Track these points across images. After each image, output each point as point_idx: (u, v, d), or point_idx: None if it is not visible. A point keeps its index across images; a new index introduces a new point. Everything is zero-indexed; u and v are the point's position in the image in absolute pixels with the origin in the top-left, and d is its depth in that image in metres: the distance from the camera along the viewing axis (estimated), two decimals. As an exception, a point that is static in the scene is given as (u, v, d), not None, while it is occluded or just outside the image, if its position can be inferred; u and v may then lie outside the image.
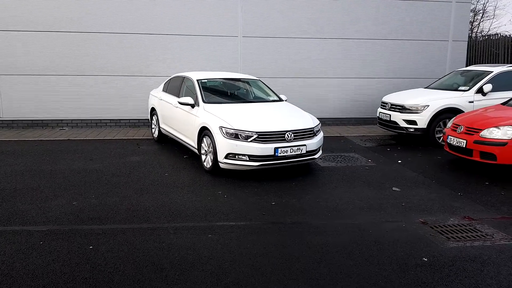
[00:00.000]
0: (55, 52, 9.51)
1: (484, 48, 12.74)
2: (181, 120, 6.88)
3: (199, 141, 6.25)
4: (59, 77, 9.64)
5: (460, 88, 8.43)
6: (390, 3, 10.52)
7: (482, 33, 22.15)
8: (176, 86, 7.54)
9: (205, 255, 3.59)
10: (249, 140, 5.56)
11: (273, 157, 5.61)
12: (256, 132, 5.59)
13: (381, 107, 9.06)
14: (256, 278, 3.24)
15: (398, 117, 8.35)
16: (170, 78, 8.15)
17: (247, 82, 7.54)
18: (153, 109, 8.42)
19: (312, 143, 5.91)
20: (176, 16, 9.76)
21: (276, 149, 5.58)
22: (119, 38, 9.66)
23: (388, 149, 8.00)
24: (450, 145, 6.65)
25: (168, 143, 8.16)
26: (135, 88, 9.91)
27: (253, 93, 7.37)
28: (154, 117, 8.42)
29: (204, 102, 6.45)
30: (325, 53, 10.51)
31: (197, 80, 6.91)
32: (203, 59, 10.04)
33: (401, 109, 8.34)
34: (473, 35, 19.51)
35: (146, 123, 10.05)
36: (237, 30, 10.06)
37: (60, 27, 9.42)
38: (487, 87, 8.01)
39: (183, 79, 7.41)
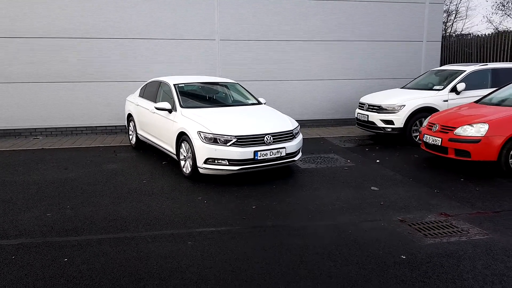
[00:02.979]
0: (27, 60, 9.24)
1: (457, 48, 13.07)
2: (159, 125, 6.79)
3: (178, 147, 6.18)
4: (32, 84, 9.37)
5: (435, 87, 8.62)
6: (365, 5, 10.67)
7: (456, 33, 22.74)
8: (153, 91, 7.45)
9: (185, 263, 3.53)
10: (228, 144, 5.53)
11: (253, 160, 5.59)
12: (235, 136, 5.56)
13: (359, 108, 9.17)
14: (236, 284, 3.20)
15: (376, 117, 8.46)
16: (146, 83, 8.04)
17: (225, 86, 7.51)
18: (129, 115, 8.29)
19: (292, 145, 5.92)
20: (151, 20, 9.64)
21: (255, 152, 5.57)
22: (94, 44, 9.47)
23: (367, 149, 8.09)
24: (426, 144, 6.77)
25: (146, 150, 8.04)
26: (111, 94, 9.73)
27: (232, 96, 7.34)
28: (131, 123, 8.29)
29: (181, 107, 6.38)
30: (303, 55, 10.57)
31: (174, 85, 6.84)
32: (180, 63, 9.95)
33: (378, 109, 8.46)
34: (447, 35, 20.01)
35: (123, 130, 9.88)
36: (214, 33, 10.02)
37: (33, 33, 9.17)
38: (461, 86, 8.21)
39: (160, 83, 7.32)
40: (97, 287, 3.16)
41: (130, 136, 8.44)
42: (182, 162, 6.12)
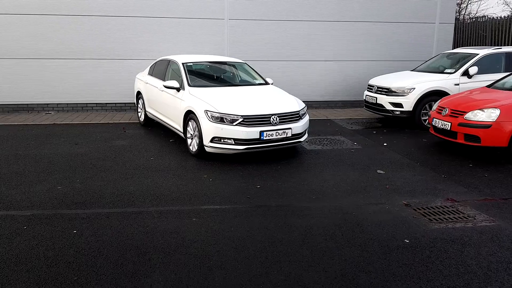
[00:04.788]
0: (40, 36, 9.27)
1: (471, 31, 12.75)
2: (167, 104, 6.82)
3: (185, 125, 6.21)
4: (45, 61, 9.43)
5: (446, 70, 8.46)
6: (378, -15, 10.42)
7: (470, 16, 22.14)
8: (162, 70, 7.44)
9: (189, 239, 3.60)
10: (234, 123, 5.54)
11: (259, 140, 5.61)
12: (242, 116, 5.56)
13: (367, 90, 9.06)
14: (239, 261, 3.27)
15: (384, 100, 8.37)
16: (155, 61, 8.03)
17: (233, 66, 7.47)
18: (139, 93, 8.32)
19: (298, 126, 5.91)
20: (161, -2, 9.57)
21: (261, 132, 5.58)
22: (105, 21, 9.44)
23: (374, 132, 8.05)
24: (435, 128, 6.71)
25: (154, 127, 8.10)
26: (121, 71, 9.75)
27: (239, 76, 7.31)
28: (140, 101, 8.32)
29: (189, 85, 6.38)
30: (312, 36, 10.40)
31: (183, 64, 6.82)
32: (189, 42, 9.88)
33: (387, 92, 8.36)
34: (461, 17, 19.51)
35: (132, 107, 9.93)
36: (223, 12, 9.89)
37: (45, 10, 9.16)
38: (473, 70, 8.05)
39: (169, 62, 7.31)
40: (104, 259, 3.25)
41: (139, 114, 8.49)
42: (189, 140, 6.16)
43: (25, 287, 2.88)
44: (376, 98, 8.56)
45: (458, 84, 8.12)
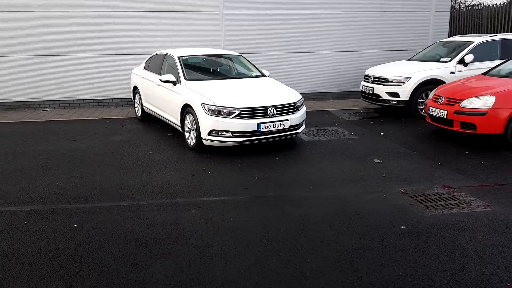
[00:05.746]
0: (35, 32, 9.24)
1: (467, 19, 12.74)
2: (164, 98, 6.83)
3: (182, 119, 6.23)
4: (41, 57, 9.40)
5: (442, 59, 8.48)
6: (373, -25, 10.39)
7: (466, 4, 22.10)
8: (158, 64, 7.44)
9: (189, 230, 3.64)
10: (231, 116, 5.56)
11: (256, 132, 5.63)
12: (239, 108, 5.58)
13: (364, 80, 9.08)
14: (238, 249, 3.31)
15: (381, 90, 8.39)
16: (151, 55, 8.02)
17: (229, 58, 7.47)
18: (135, 88, 8.31)
19: (295, 117, 5.93)
20: (156, -9, 9.53)
21: (259, 124, 5.60)
22: (99, 17, 9.40)
23: (371, 122, 8.08)
24: (432, 116, 6.74)
25: (152, 122, 8.11)
26: (117, 66, 9.73)
27: (236, 69, 7.31)
28: (136, 96, 8.32)
29: (186, 79, 6.39)
30: (308, 27, 10.39)
31: (178, 57, 6.82)
32: (185, 36, 9.86)
33: (384, 81, 8.38)
34: (457, 5, 19.47)
35: (129, 102, 9.93)
36: (218, 5, 9.86)
37: (38, 7, 9.11)
38: (469, 58, 8.07)
39: (164, 56, 7.30)
40: (106, 251, 3.29)
41: (136, 109, 8.49)
42: (187, 134, 6.18)
43: (27, 280, 2.92)
44: (373, 88, 8.58)
45: (454, 73, 8.14)
